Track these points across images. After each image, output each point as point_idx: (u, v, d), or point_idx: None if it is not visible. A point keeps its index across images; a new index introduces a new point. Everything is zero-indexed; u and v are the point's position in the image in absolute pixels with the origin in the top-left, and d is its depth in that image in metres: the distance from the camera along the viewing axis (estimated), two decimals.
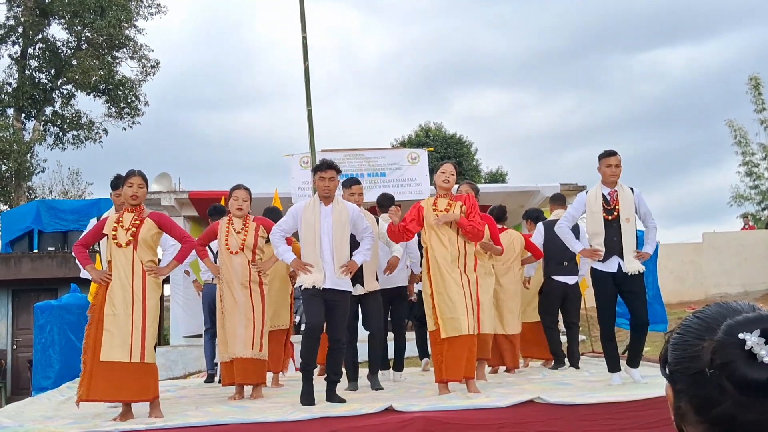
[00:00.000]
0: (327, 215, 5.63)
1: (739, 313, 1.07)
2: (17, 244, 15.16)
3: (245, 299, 6.16)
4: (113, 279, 5.20)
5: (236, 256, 6.18)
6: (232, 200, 6.34)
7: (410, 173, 13.31)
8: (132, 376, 5.09)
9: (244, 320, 6.14)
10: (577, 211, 6.17)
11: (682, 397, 1.07)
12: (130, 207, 5.40)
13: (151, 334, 5.23)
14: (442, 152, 26.71)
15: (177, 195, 14.27)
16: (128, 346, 5.10)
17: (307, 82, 9.08)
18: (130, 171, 5.42)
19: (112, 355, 5.08)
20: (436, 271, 5.73)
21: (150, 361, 5.20)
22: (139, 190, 5.38)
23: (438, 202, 5.92)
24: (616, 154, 6.04)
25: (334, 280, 5.51)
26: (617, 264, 5.90)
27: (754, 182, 23.19)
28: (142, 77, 24.94)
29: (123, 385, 5.07)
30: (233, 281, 6.16)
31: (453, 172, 6.00)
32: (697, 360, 1.04)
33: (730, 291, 16.89)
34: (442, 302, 5.65)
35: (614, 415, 4.71)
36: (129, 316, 5.14)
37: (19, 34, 23.53)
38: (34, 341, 9.95)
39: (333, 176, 5.69)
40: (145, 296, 5.22)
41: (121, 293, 5.16)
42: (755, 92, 22.85)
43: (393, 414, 4.65)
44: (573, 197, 14.41)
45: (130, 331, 5.12)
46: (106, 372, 5.08)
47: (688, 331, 1.09)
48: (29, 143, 22.76)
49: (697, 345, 1.05)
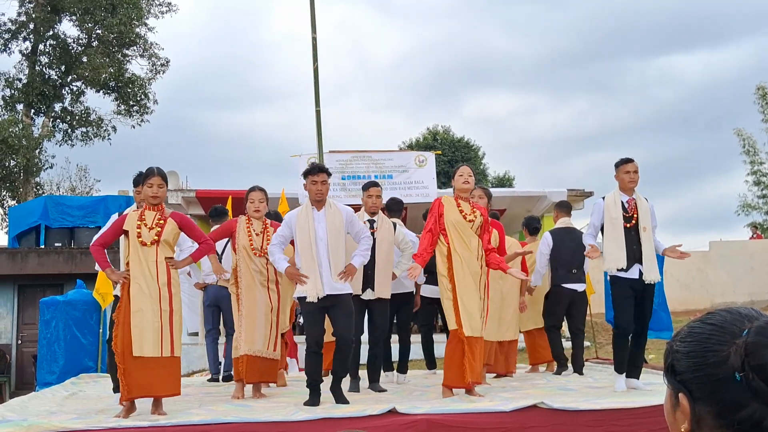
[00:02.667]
0: (320, 220, 5.57)
1: (753, 318, 1.07)
2: (24, 239, 15.21)
3: (266, 298, 6.20)
4: (137, 277, 5.23)
5: (258, 258, 6.20)
6: (249, 203, 6.35)
7: (417, 176, 13.31)
8: (163, 370, 5.17)
9: (264, 319, 6.17)
10: (598, 219, 6.12)
11: (701, 404, 1.07)
12: (150, 206, 5.42)
13: (178, 328, 5.32)
14: (450, 155, 26.73)
15: (184, 193, 14.30)
16: (159, 342, 5.18)
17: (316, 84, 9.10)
18: (150, 170, 5.43)
19: (144, 351, 5.13)
20: (459, 271, 5.71)
21: (178, 354, 5.31)
22: (159, 190, 5.40)
23: (462, 205, 5.91)
24: (633, 161, 6.05)
25: (332, 285, 5.46)
26: (638, 271, 5.90)
27: (762, 191, 23.12)
28: (152, 75, 25.03)
29: (156, 381, 5.13)
30: (255, 281, 6.18)
31: (471, 174, 6.01)
32: (722, 365, 1.05)
33: (736, 300, 16.81)
34: (466, 301, 5.65)
35: (618, 421, 4.70)
36: (157, 312, 5.19)
37: (30, 30, 23.63)
38: (39, 336, 10.00)
39: (324, 179, 5.62)
40: (171, 291, 5.30)
41: (147, 291, 5.20)
42: (763, 102, 22.79)
43: (396, 416, 4.65)
44: (580, 203, 14.47)
45: (159, 326, 5.19)
46: (139, 368, 5.12)
47: (704, 338, 1.09)
48: (38, 139, 22.84)
49: (721, 350, 1.06)
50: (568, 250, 7.57)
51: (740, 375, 1.02)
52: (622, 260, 5.87)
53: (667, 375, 1.14)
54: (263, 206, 6.36)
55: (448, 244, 5.78)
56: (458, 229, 5.78)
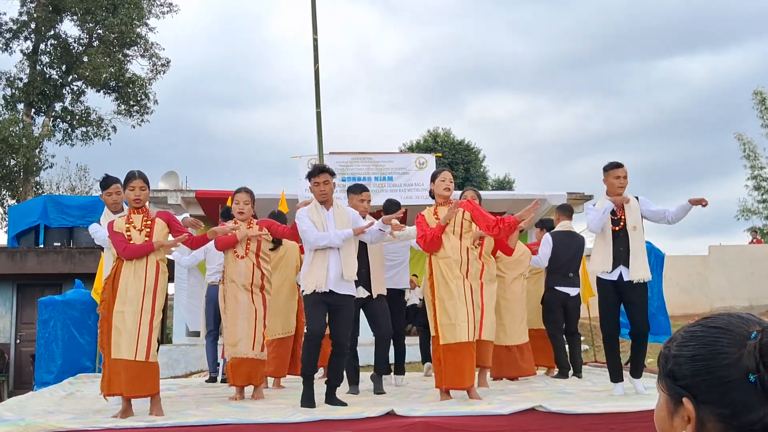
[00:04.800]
0: (330, 218, 5.64)
1: (754, 322, 1.08)
2: (23, 239, 15.19)
3: (247, 301, 6.19)
4: (123, 277, 5.21)
5: (241, 260, 6.20)
6: (234, 204, 6.37)
7: (418, 178, 13.29)
8: (135, 373, 5.12)
9: (246, 322, 6.17)
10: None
11: (706, 407, 1.06)
12: (134, 209, 5.40)
13: (156, 333, 5.28)
14: (450, 158, 26.72)
15: (183, 194, 14.29)
16: (134, 345, 5.13)
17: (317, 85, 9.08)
18: (130, 174, 5.40)
19: (120, 353, 5.12)
20: (438, 277, 5.72)
21: (154, 360, 5.24)
22: (141, 192, 5.37)
23: (439, 210, 5.91)
24: (622, 166, 6.04)
25: (338, 284, 5.50)
26: (619, 273, 5.89)
27: (762, 196, 23.12)
28: (153, 75, 25.02)
29: (133, 383, 5.10)
30: (237, 283, 6.18)
31: (452, 179, 6.03)
32: (732, 367, 1.05)
33: (735, 304, 16.80)
34: (443, 309, 5.64)
35: (616, 425, 4.70)
36: (138, 313, 5.16)
37: (31, 29, 23.64)
38: (38, 336, 9.97)
39: (327, 179, 5.67)
40: (156, 296, 5.26)
41: (134, 291, 5.18)
42: (761, 107, 22.79)
43: (394, 418, 4.64)
44: (580, 206, 14.44)
45: (137, 329, 5.15)
46: (118, 368, 5.13)
47: (711, 341, 1.09)
48: (38, 138, 22.83)
49: (731, 353, 1.06)
50: (567, 254, 7.56)
51: (755, 377, 1.02)
52: (608, 263, 5.90)
53: (666, 381, 1.13)
54: (248, 208, 6.34)
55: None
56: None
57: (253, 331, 6.17)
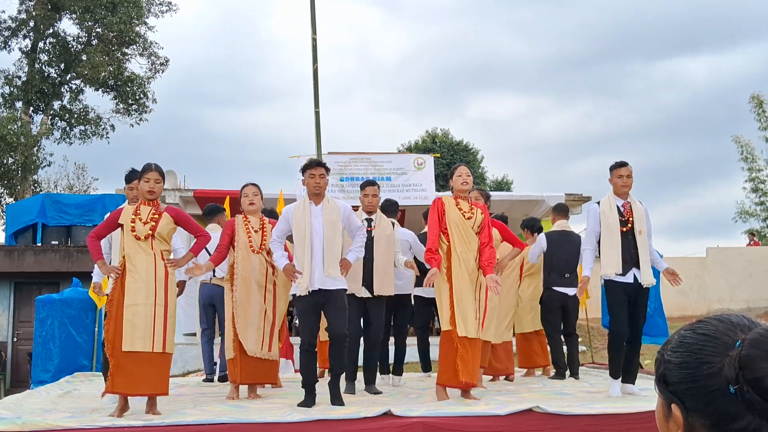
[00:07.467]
0: (317, 215, 5.58)
1: (745, 327, 1.06)
2: (21, 237, 15.18)
3: (260, 299, 6.17)
4: (132, 272, 5.20)
5: (256, 255, 6.19)
6: (243, 197, 6.35)
7: (416, 178, 13.31)
8: (152, 367, 5.13)
9: (257, 320, 6.14)
10: (596, 226, 6.03)
11: (694, 414, 1.06)
12: (146, 201, 5.40)
13: (172, 324, 5.28)
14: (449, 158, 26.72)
15: (181, 193, 14.29)
16: (150, 337, 5.13)
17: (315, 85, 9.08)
18: (147, 166, 5.42)
19: (134, 346, 5.10)
20: (457, 270, 5.70)
21: (170, 351, 5.27)
22: (156, 185, 5.38)
23: (461, 204, 5.91)
24: (627, 165, 6.03)
25: (323, 281, 5.46)
26: (633, 275, 5.88)
27: (760, 198, 23.17)
28: (151, 74, 25.01)
29: (142, 379, 5.10)
30: (251, 280, 6.15)
31: (469, 174, 6.02)
32: (716, 377, 1.04)
33: (733, 306, 16.82)
34: (462, 302, 5.64)
35: (612, 426, 4.70)
36: (152, 306, 5.16)
37: (30, 27, 23.62)
38: (35, 334, 9.95)
39: (323, 173, 5.66)
40: (167, 287, 5.27)
41: (144, 285, 5.17)
42: (759, 110, 22.83)
43: (391, 419, 4.64)
44: (577, 207, 14.46)
45: (152, 321, 5.15)
46: (128, 363, 5.09)
47: (696, 349, 1.08)
48: (36, 137, 22.83)
49: (714, 362, 1.05)
50: (564, 254, 7.55)
51: (734, 388, 1.01)
52: (619, 265, 5.86)
53: (659, 385, 1.13)
54: (257, 199, 6.34)
55: (449, 242, 5.77)
56: (459, 227, 5.78)
57: (263, 331, 6.15)
